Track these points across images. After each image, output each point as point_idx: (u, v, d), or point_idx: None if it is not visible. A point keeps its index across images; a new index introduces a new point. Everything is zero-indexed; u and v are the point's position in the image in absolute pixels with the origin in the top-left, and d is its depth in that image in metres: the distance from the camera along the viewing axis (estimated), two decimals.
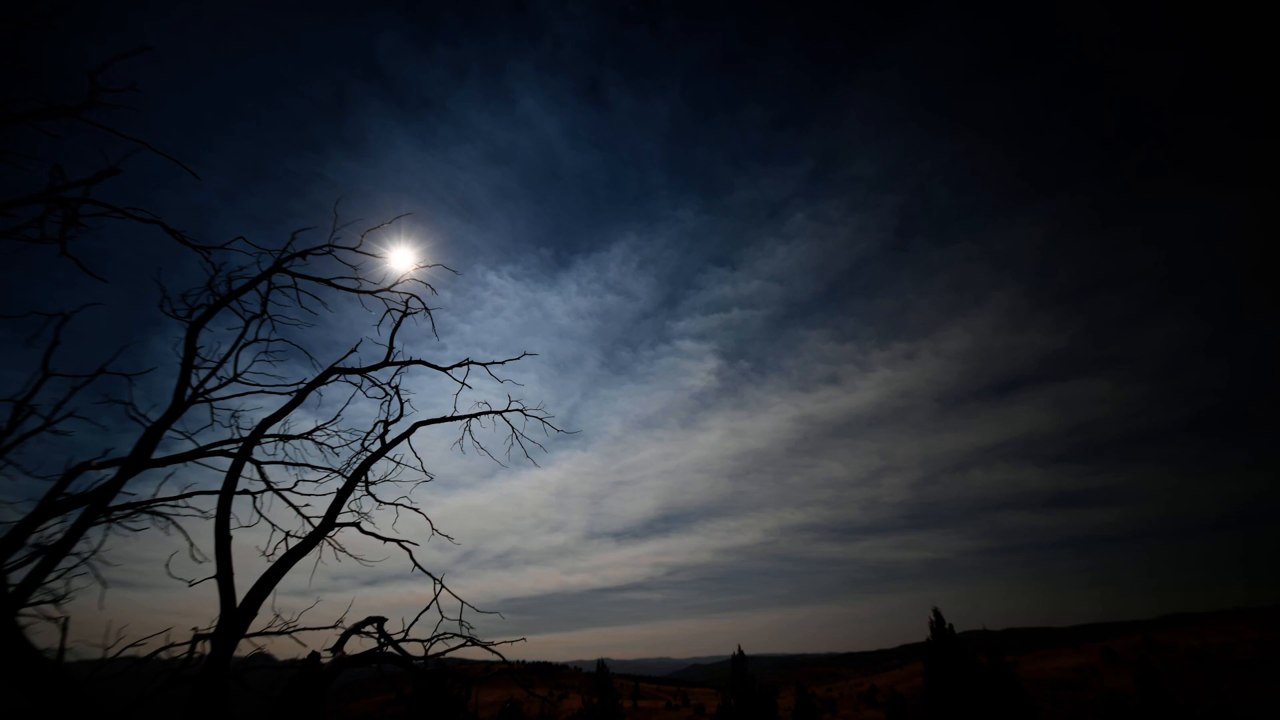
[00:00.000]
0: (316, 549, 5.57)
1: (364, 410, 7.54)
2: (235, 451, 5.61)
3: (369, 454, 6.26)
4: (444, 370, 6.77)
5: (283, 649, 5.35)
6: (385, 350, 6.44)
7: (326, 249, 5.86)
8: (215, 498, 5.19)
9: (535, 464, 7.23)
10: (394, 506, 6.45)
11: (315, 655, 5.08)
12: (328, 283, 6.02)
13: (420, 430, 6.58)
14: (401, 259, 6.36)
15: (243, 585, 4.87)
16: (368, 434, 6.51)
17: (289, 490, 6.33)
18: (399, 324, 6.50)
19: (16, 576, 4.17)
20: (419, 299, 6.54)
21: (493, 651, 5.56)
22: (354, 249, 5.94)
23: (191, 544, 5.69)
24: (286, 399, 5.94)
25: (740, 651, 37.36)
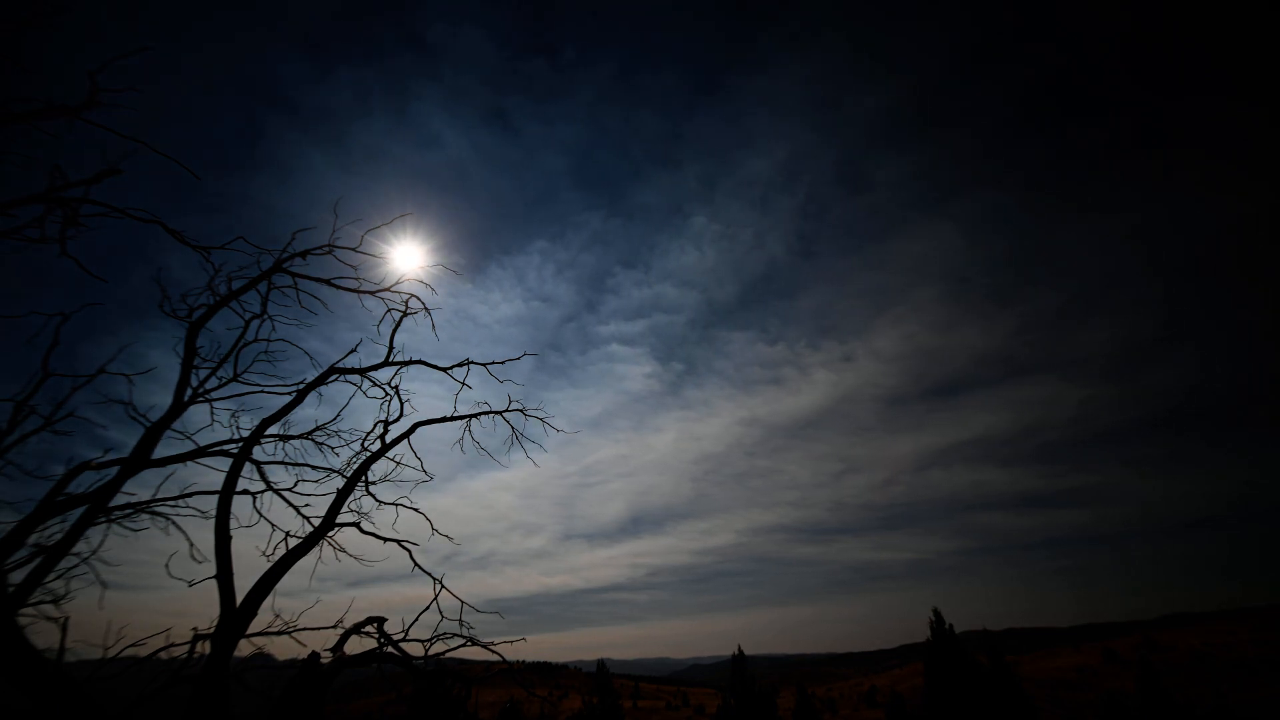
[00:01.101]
0: (316, 549, 5.57)
1: (364, 410, 7.52)
2: (235, 451, 5.61)
3: (369, 454, 6.26)
4: (444, 370, 6.77)
5: (283, 649, 5.35)
6: (385, 350, 6.44)
7: (326, 249, 5.86)
8: (215, 498, 5.19)
9: (535, 464, 7.22)
10: (394, 506, 6.45)
11: (315, 655, 5.09)
12: (328, 283, 6.01)
13: (419, 430, 6.58)
14: (402, 259, 6.36)
15: (243, 585, 4.87)
16: (368, 434, 6.51)
17: (289, 490, 6.33)
18: (399, 324, 6.50)
19: (17, 576, 4.17)
20: (419, 299, 6.54)
21: (493, 651, 5.55)
22: (354, 249, 5.94)
23: (191, 544, 5.69)
24: (286, 399, 5.95)
25: (740, 652, 37.37)
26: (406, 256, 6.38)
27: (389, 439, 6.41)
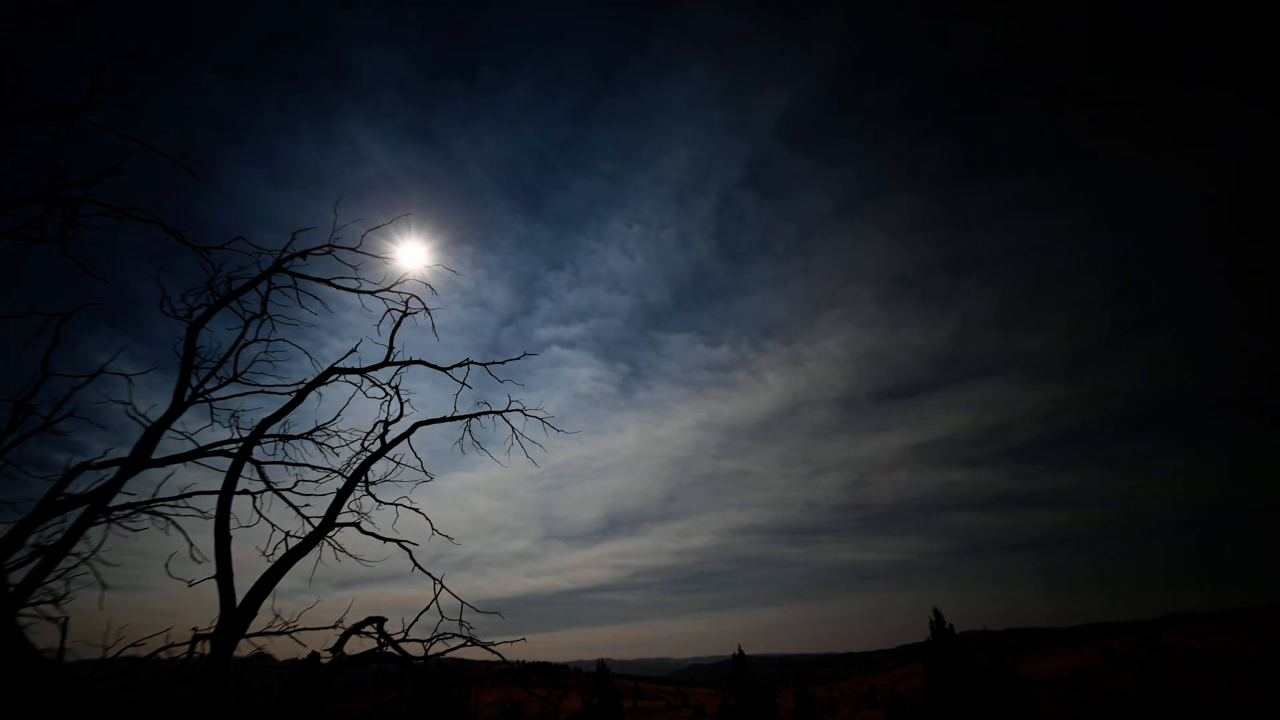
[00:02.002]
0: (316, 549, 5.56)
1: (364, 410, 7.52)
2: (235, 451, 5.60)
3: (369, 454, 6.26)
4: (444, 370, 6.77)
5: (283, 649, 5.35)
6: (385, 350, 6.44)
7: (326, 249, 5.86)
8: (215, 498, 5.19)
9: (535, 464, 7.22)
10: (394, 506, 6.44)
11: (315, 655, 5.08)
12: (328, 283, 6.01)
13: (419, 430, 6.57)
14: (402, 259, 6.36)
15: (243, 585, 4.87)
16: (368, 434, 6.51)
17: (289, 490, 6.33)
18: (399, 324, 6.50)
19: (17, 576, 4.17)
20: (419, 299, 6.54)
21: (493, 651, 5.55)
22: (354, 249, 5.94)
23: (191, 544, 5.69)
24: (286, 399, 5.94)
25: (740, 652, 37.37)
26: (407, 256, 6.38)
27: (389, 439, 6.41)
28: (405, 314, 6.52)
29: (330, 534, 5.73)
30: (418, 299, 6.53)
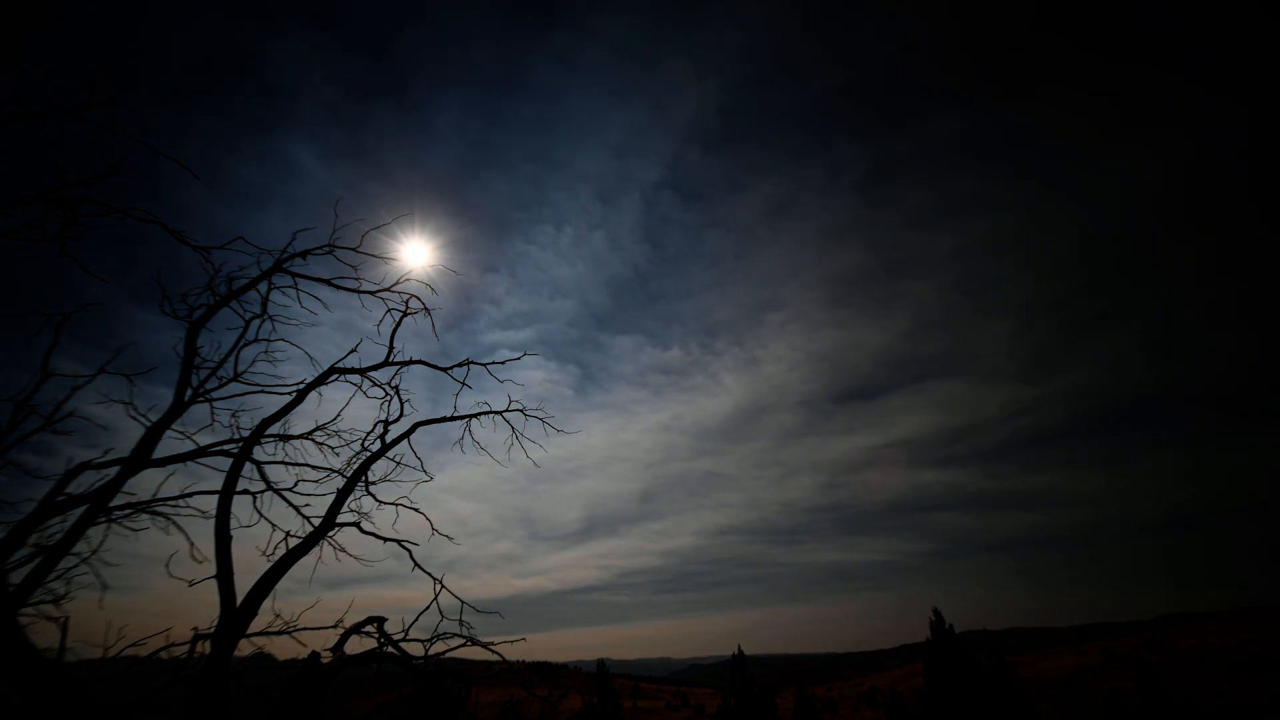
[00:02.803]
0: (316, 549, 5.56)
1: (364, 410, 7.52)
2: (235, 451, 5.60)
3: (369, 454, 6.26)
4: (444, 370, 6.77)
5: (283, 649, 5.35)
6: (385, 350, 6.44)
7: (327, 249, 5.86)
8: (215, 498, 5.19)
9: (535, 464, 7.21)
10: (394, 506, 6.44)
11: (315, 655, 5.09)
12: (328, 283, 6.02)
13: (419, 430, 6.57)
14: (403, 259, 6.36)
15: (243, 585, 4.87)
16: (368, 434, 6.51)
17: (289, 490, 6.33)
18: (399, 324, 6.50)
19: (17, 576, 4.18)
20: (419, 299, 6.54)
21: (493, 651, 5.55)
22: (354, 249, 5.94)
23: (192, 544, 5.69)
24: (287, 399, 5.94)
25: (740, 651, 37.37)
26: (408, 256, 6.38)
27: (389, 439, 6.41)
28: (405, 314, 6.52)
29: (330, 534, 5.73)
30: (418, 299, 6.54)
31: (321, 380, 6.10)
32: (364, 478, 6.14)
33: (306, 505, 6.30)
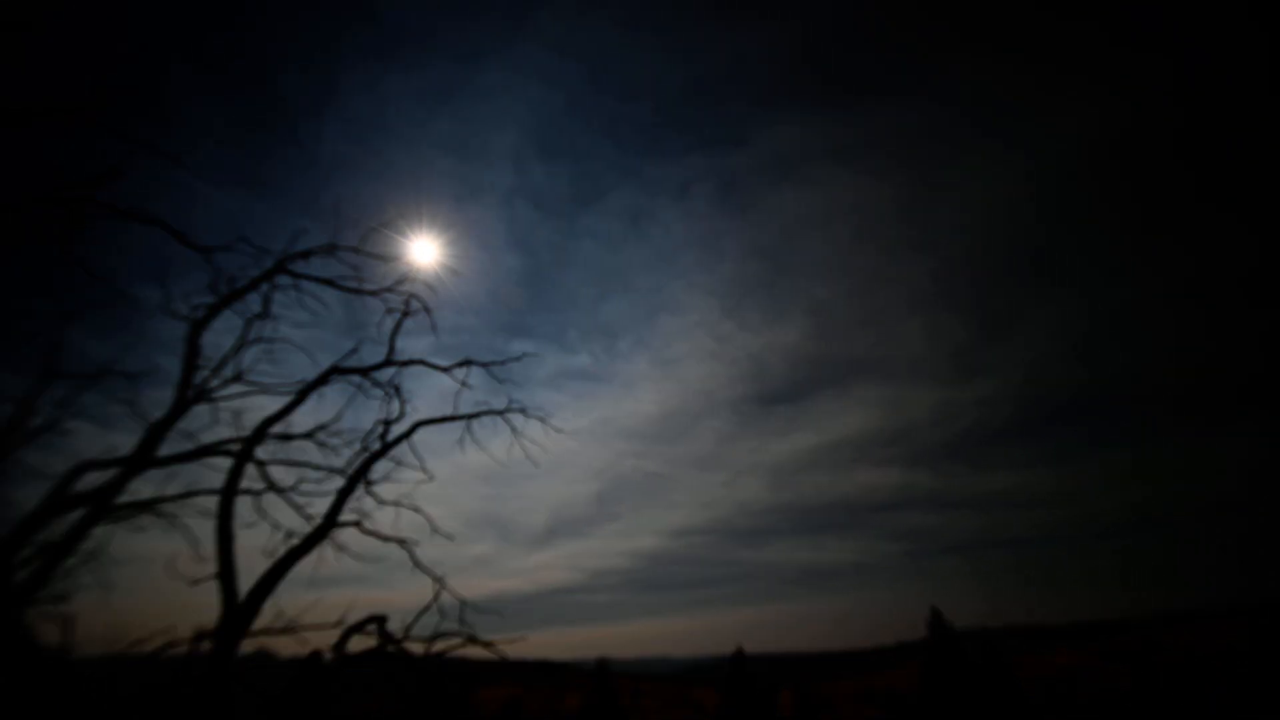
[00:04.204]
0: (317, 548, 5.59)
1: (365, 410, 7.56)
2: (237, 451, 5.63)
3: (369, 454, 6.28)
4: (444, 370, 6.79)
5: (284, 648, 5.37)
6: (386, 350, 6.46)
7: (328, 249, 5.89)
8: (217, 497, 5.22)
9: (535, 465, 7.21)
10: (394, 506, 6.46)
11: (317, 654, 5.11)
12: (329, 283, 6.04)
13: (420, 430, 6.59)
14: (404, 259, 6.38)
15: (245, 584, 4.90)
16: (368, 434, 6.52)
17: (290, 490, 6.35)
18: (399, 324, 6.52)
19: (22, 575, 4.20)
20: (419, 299, 6.56)
21: (493, 650, 5.58)
22: (355, 249, 5.97)
23: (194, 544, 5.71)
24: (288, 399, 5.96)
25: (740, 650, 37.43)
26: (409, 257, 6.41)
27: (389, 439, 6.43)
28: (405, 314, 6.54)
29: (331, 533, 5.76)
30: (418, 299, 6.56)
31: (322, 380, 6.13)
32: (364, 478, 6.16)
33: (307, 505, 6.33)
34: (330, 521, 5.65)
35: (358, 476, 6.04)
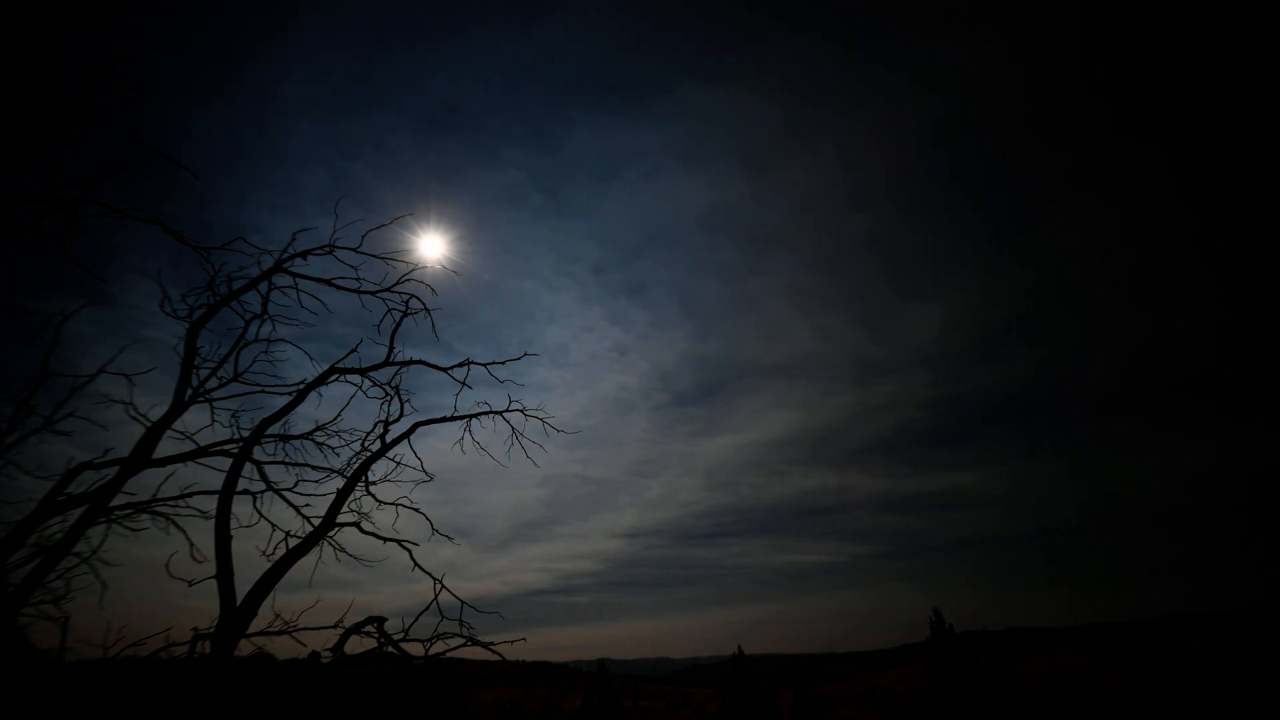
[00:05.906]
0: (316, 549, 5.57)
1: (364, 410, 7.56)
2: (235, 451, 5.61)
3: (369, 454, 6.26)
4: (444, 370, 6.77)
5: (283, 649, 5.34)
6: (385, 350, 6.44)
7: (327, 249, 5.87)
8: (215, 498, 5.20)
9: (535, 464, 7.20)
10: (394, 506, 6.44)
11: (315, 655, 5.09)
12: (328, 283, 6.02)
13: (420, 430, 6.57)
14: (404, 259, 6.36)
15: (243, 585, 4.87)
16: (368, 434, 6.50)
17: (289, 490, 6.32)
18: (399, 324, 6.50)
19: (17, 576, 4.18)
20: (419, 299, 6.54)
21: (493, 651, 5.56)
22: (354, 249, 5.94)
23: (192, 544, 5.69)
24: (287, 399, 5.95)
25: (740, 651, 37.39)
26: (409, 256, 6.39)
27: (389, 439, 6.41)
28: (405, 314, 6.52)
29: (330, 534, 5.73)
30: (418, 299, 6.53)
31: (321, 380, 6.11)
32: (364, 478, 6.14)
33: (306, 505, 6.31)
34: (329, 522, 5.62)
35: (357, 477, 6.02)
